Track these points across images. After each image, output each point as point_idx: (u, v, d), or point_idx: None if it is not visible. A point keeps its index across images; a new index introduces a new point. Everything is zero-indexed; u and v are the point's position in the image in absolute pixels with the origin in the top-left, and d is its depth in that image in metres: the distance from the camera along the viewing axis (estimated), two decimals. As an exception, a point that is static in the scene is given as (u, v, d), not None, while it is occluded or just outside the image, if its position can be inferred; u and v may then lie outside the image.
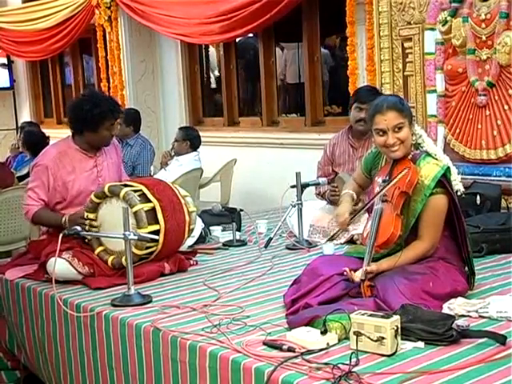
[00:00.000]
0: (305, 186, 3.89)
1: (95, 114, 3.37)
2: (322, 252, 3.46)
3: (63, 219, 3.32)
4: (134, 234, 2.87)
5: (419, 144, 2.79)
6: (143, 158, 5.74)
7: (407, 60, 4.50)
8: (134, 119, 5.92)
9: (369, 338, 2.08)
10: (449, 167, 2.72)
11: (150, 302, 2.82)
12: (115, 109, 3.45)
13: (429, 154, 2.75)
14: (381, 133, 2.71)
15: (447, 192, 2.67)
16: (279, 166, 5.81)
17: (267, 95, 6.26)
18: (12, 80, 9.49)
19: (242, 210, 4.29)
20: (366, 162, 3.01)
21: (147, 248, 3.19)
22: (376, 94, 4.12)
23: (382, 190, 2.66)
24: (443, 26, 4.24)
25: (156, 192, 3.27)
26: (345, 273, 2.57)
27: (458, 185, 2.84)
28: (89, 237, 3.23)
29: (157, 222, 3.19)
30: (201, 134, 5.73)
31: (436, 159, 2.74)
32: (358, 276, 2.52)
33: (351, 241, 3.70)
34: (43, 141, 6.06)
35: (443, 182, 2.66)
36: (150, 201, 3.22)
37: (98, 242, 3.26)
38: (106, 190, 3.23)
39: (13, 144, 6.98)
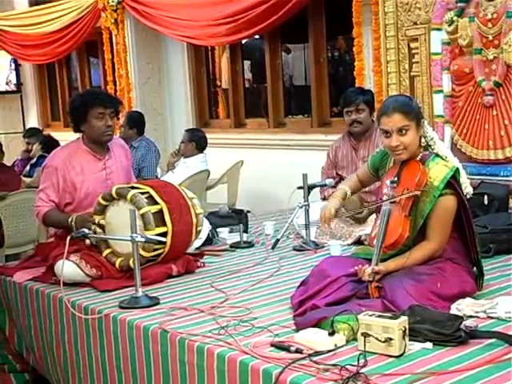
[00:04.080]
0: (312, 187, 3.89)
1: (80, 103, 3.42)
2: (330, 253, 3.46)
3: (70, 219, 3.31)
4: (142, 236, 2.87)
5: (429, 146, 2.78)
6: (149, 160, 5.76)
7: (414, 60, 4.49)
8: (136, 121, 5.94)
9: (377, 339, 2.08)
10: (458, 169, 2.71)
11: (158, 303, 2.82)
12: (101, 97, 3.45)
13: (438, 156, 2.74)
14: (386, 134, 2.71)
15: (456, 193, 2.66)
16: (286, 168, 5.81)
17: (273, 97, 6.26)
18: (19, 83, 9.52)
19: (249, 212, 4.29)
20: (373, 160, 3.00)
21: (155, 250, 3.19)
22: (361, 93, 4.19)
23: (388, 199, 2.64)
24: (449, 26, 4.23)
25: (163, 194, 3.27)
26: (356, 267, 2.56)
27: (467, 187, 2.83)
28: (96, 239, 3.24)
29: (164, 224, 3.19)
30: (207, 135, 5.74)
31: (445, 161, 2.73)
32: (368, 271, 2.51)
33: (359, 242, 3.70)
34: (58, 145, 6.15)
35: (452, 183, 2.65)
36: (157, 203, 3.22)
37: (105, 245, 3.27)
38: (113, 192, 3.24)
39: (28, 148, 7.01)
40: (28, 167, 6.57)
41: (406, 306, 2.29)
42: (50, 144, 6.14)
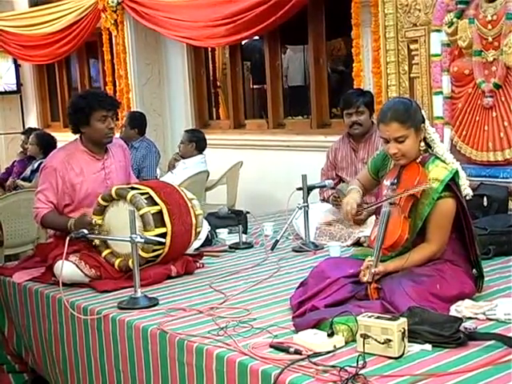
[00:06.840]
0: (311, 188, 3.89)
1: (82, 106, 3.40)
2: (329, 254, 3.46)
3: (69, 223, 3.31)
4: (141, 237, 2.87)
5: (429, 146, 2.78)
6: (149, 160, 5.76)
7: (413, 62, 4.49)
8: (138, 122, 5.94)
9: (376, 340, 2.08)
10: (457, 171, 2.71)
11: (157, 304, 2.83)
12: (104, 99, 3.44)
13: (438, 158, 2.74)
14: (385, 140, 2.71)
15: (455, 196, 2.66)
16: (285, 169, 5.81)
17: (273, 97, 6.27)
18: (19, 84, 9.52)
19: (248, 213, 4.29)
20: (374, 162, 2.99)
21: (154, 251, 3.19)
22: (361, 95, 4.19)
23: (392, 197, 2.64)
24: (449, 27, 4.23)
25: (163, 195, 3.28)
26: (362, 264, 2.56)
27: (466, 189, 2.83)
28: (96, 240, 3.24)
29: (164, 225, 3.19)
30: (207, 136, 5.74)
31: (445, 163, 2.72)
32: (369, 261, 2.52)
33: (358, 243, 3.70)
34: (54, 142, 6.12)
35: (451, 185, 2.65)
36: (156, 204, 3.23)
37: (104, 245, 3.27)
38: (113, 192, 3.24)
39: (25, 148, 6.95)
40: (28, 172, 6.46)
41: (405, 308, 2.29)
42: (47, 143, 6.09)
